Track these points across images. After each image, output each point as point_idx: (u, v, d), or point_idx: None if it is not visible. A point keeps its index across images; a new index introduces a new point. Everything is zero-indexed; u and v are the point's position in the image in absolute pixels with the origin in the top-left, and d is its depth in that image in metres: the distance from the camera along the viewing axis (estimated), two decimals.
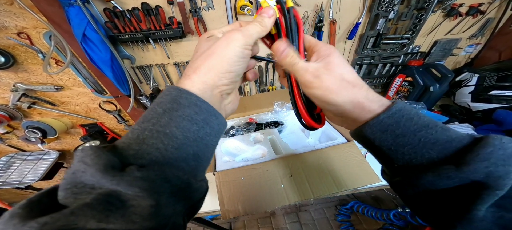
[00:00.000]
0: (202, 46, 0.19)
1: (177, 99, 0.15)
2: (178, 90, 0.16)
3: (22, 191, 0.88)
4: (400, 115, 0.16)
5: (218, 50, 0.17)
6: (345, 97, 0.18)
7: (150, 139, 0.14)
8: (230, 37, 0.18)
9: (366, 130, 0.18)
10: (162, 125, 0.14)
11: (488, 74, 0.70)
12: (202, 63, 0.17)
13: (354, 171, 0.52)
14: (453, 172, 0.14)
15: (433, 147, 0.15)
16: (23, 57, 0.67)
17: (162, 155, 0.14)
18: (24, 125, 0.83)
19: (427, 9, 0.69)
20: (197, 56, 0.18)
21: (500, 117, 0.64)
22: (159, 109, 0.15)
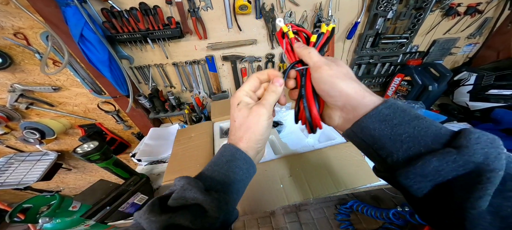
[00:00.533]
0: (237, 116, 0.26)
1: (234, 154, 0.25)
2: (235, 148, 0.25)
3: (21, 192, 0.87)
4: (395, 106, 0.19)
5: (252, 126, 0.25)
6: (349, 84, 0.21)
7: (218, 177, 0.24)
8: (258, 113, 0.25)
9: (367, 120, 0.19)
10: (225, 170, 0.24)
11: (486, 73, 0.70)
12: (243, 135, 0.26)
13: (353, 171, 0.53)
14: (456, 155, 0.15)
15: (427, 135, 0.17)
16: (20, 58, 0.67)
17: (222, 187, 0.24)
18: (22, 126, 0.83)
19: (425, 9, 0.69)
20: (237, 126, 0.26)
21: (498, 116, 0.64)
22: (224, 159, 0.25)
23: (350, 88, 0.21)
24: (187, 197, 0.21)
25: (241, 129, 0.25)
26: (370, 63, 0.87)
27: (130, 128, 1.00)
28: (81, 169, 1.23)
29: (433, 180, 0.16)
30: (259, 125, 0.25)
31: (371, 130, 0.19)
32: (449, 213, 0.16)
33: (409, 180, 0.17)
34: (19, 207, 0.42)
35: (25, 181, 0.84)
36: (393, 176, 0.18)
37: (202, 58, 0.77)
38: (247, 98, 0.26)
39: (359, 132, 0.20)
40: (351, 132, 0.22)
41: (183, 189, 0.21)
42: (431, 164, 0.15)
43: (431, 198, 0.16)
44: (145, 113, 0.88)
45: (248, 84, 0.27)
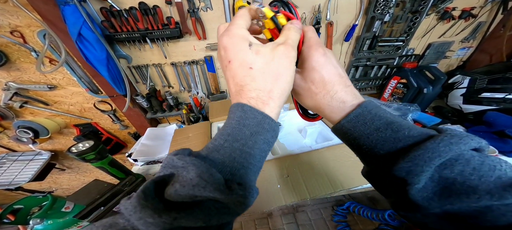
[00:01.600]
0: (254, 61, 0.18)
1: (262, 123, 0.17)
2: (263, 115, 0.18)
3: (12, 192, 0.85)
4: (367, 110, 0.19)
5: (283, 71, 0.18)
6: (334, 68, 0.20)
7: (239, 158, 0.17)
8: (288, 54, 0.19)
9: (345, 125, 0.20)
10: (249, 147, 0.17)
11: (479, 77, 0.72)
12: (273, 87, 0.18)
13: (349, 172, 0.53)
14: (447, 137, 0.15)
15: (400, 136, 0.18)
16: (16, 56, 0.66)
17: (245, 172, 0.17)
18: (16, 125, 0.81)
19: (421, 12, 0.71)
20: (258, 75, 0.18)
21: (491, 118, 0.65)
22: (247, 132, 0.17)
23: (334, 72, 0.20)
24: (199, 196, 0.15)
25: (266, 79, 0.18)
26: (367, 66, 0.88)
27: (126, 128, 0.99)
28: (75, 169, 1.20)
29: (439, 157, 0.15)
30: (290, 69, 0.19)
31: (349, 133, 0.20)
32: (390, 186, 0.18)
33: (409, 161, 0.16)
34: (10, 208, 0.41)
35: (17, 181, 0.82)
36: (383, 171, 0.18)
37: (201, 59, 0.77)
38: (252, 37, 0.20)
39: (340, 134, 0.22)
40: (334, 130, 0.22)
41: (193, 185, 0.14)
42: (432, 144, 0.16)
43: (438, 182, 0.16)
44: (142, 113, 0.87)
45: (242, 20, 0.20)
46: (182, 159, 0.16)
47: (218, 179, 0.15)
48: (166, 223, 0.13)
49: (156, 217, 0.13)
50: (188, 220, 0.14)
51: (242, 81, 0.18)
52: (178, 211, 0.14)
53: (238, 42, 0.18)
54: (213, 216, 0.15)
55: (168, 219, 0.13)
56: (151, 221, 0.13)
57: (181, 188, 0.15)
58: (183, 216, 0.14)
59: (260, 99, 0.18)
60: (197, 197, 0.15)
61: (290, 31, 0.20)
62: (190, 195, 0.14)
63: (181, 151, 0.18)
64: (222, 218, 0.15)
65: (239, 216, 0.17)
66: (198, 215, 0.14)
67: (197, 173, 0.15)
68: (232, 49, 0.18)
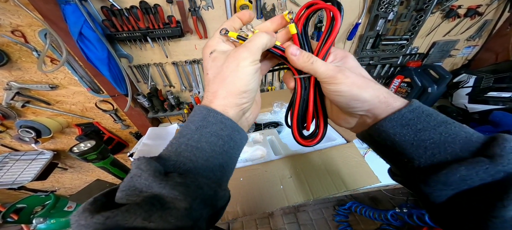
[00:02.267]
0: (210, 67, 0.19)
1: (206, 117, 0.18)
2: (207, 109, 0.18)
3: (15, 192, 0.86)
4: (421, 110, 0.17)
5: (229, 74, 0.18)
6: (371, 92, 0.18)
7: (185, 152, 0.17)
8: (237, 57, 0.18)
9: (386, 124, 0.17)
10: (194, 141, 0.17)
11: (485, 76, 0.70)
12: (218, 88, 0.19)
13: (353, 172, 0.52)
14: (488, 165, 0.13)
15: (455, 141, 0.15)
16: (17, 55, 0.66)
17: (194, 166, 0.17)
18: (18, 125, 0.82)
19: (426, 10, 0.69)
20: (209, 79, 0.19)
21: (497, 118, 0.64)
22: (192, 126, 0.18)
23: (374, 97, 0.18)
24: (138, 187, 0.14)
25: (215, 80, 0.19)
26: (370, 64, 0.87)
27: (128, 128, 0.99)
28: (77, 169, 1.21)
29: (457, 188, 0.15)
30: (240, 71, 0.18)
31: (391, 135, 0.17)
32: (469, 220, 0.15)
33: (430, 188, 0.15)
34: (13, 207, 0.41)
35: (20, 180, 0.83)
36: (412, 182, 0.17)
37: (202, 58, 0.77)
38: (223, 45, 0.20)
39: (376, 136, 0.19)
40: (367, 134, 0.20)
41: (131, 176, 0.15)
42: (458, 173, 0.14)
43: (451, 204, 0.15)
44: (143, 112, 0.87)
45: (225, 25, 0.20)
46: (133, 160, 0.16)
47: (154, 167, 0.15)
48: (98, 223, 0.13)
49: (89, 219, 0.13)
50: (124, 217, 0.13)
51: (205, 86, 0.21)
52: (113, 210, 0.13)
53: (205, 51, 0.20)
54: (155, 212, 0.14)
55: (100, 218, 0.13)
56: (83, 223, 0.13)
57: (122, 183, 0.15)
58: (118, 213, 0.13)
59: (208, 98, 0.19)
60: (140, 192, 0.14)
61: (255, 35, 0.19)
62: (129, 186, 0.14)
63: None
64: (166, 213, 0.14)
65: (198, 217, 0.16)
66: (135, 210, 0.13)
67: (135, 165, 0.15)
68: (203, 60, 0.20)
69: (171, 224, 0.14)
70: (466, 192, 0.14)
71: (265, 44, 0.19)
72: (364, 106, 0.18)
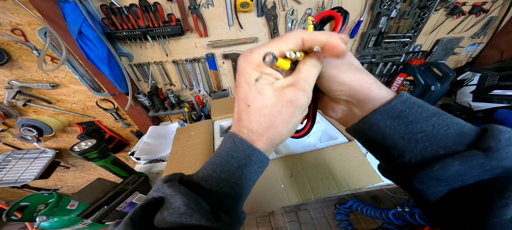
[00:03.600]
0: (254, 100, 0.17)
1: (250, 156, 0.18)
2: (252, 148, 0.18)
3: (19, 190, 0.87)
4: (411, 101, 0.16)
5: (279, 124, 0.17)
6: (351, 75, 0.18)
7: (226, 188, 0.18)
8: (295, 104, 0.16)
9: (376, 117, 0.17)
10: (236, 178, 0.18)
11: (490, 74, 0.69)
12: (264, 133, 0.18)
13: (355, 171, 0.52)
14: (483, 159, 0.13)
15: (447, 134, 0.14)
16: (18, 54, 0.66)
17: (233, 202, 0.18)
18: (20, 123, 0.82)
19: (430, 8, 0.68)
20: (253, 116, 0.17)
21: (502, 116, 0.63)
22: (235, 164, 0.18)
23: (355, 80, 0.17)
24: (184, 223, 0.15)
25: (261, 123, 0.17)
26: (372, 62, 0.86)
27: (129, 126, 0.99)
28: (79, 167, 1.22)
29: (451, 184, 0.14)
30: (292, 121, 0.17)
31: (381, 127, 0.16)
32: (466, 219, 0.14)
33: (423, 184, 0.15)
34: (16, 205, 0.41)
35: (23, 179, 0.83)
36: (403, 178, 0.16)
37: (203, 56, 0.76)
38: (268, 70, 0.17)
39: (366, 128, 0.18)
40: (357, 128, 0.19)
41: (180, 213, 0.15)
42: (452, 168, 0.13)
43: (446, 202, 0.15)
44: (144, 111, 0.87)
45: (281, 44, 0.16)
46: (171, 187, 0.16)
47: (204, 208, 0.16)
48: None
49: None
50: None
51: (239, 114, 0.18)
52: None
53: (247, 72, 0.17)
54: None
55: None
56: None
57: (169, 215, 0.15)
58: None
59: (251, 138, 0.18)
60: (184, 225, 0.15)
61: (303, 67, 0.17)
62: (177, 222, 0.15)
63: (172, 177, 0.18)
64: None
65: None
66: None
67: (184, 202, 0.15)
68: (241, 76, 0.17)
69: None
70: (463, 189, 0.14)
71: (315, 77, 0.17)
72: (344, 88, 0.18)
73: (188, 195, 0.16)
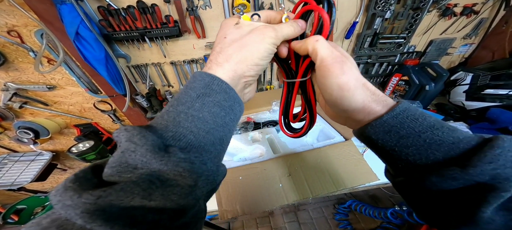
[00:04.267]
0: (231, 33, 0.19)
1: (210, 85, 0.16)
2: (211, 77, 0.17)
3: (15, 193, 0.85)
4: (405, 116, 0.16)
5: (252, 43, 0.18)
6: (358, 98, 0.17)
7: (185, 122, 0.15)
8: (265, 32, 0.18)
9: (369, 131, 0.18)
10: (195, 109, 0.15)
11: (482, 73, 0.71)
12: (234, 52, 0.18)
13: (352, 170, 0.53)
14: (458, 173, 0.13)
15: (439, 148, 0.15)
16: (14, 56, 0.65)
17: (195, 138, 0.15)
18: (16, 126, 0.81)
19: (422, 9, 0.70)
20: (227, 43, 0.18)
21: (494, 115, 0.65)
22: (193, 94, 0.16)
23: (359, 102, 0.17)
24: (131, 163, 0.13)
25: (233, 45, 0.18)
26: (368, 63, 0.87)
27: None
28: (77, 170, 1.20)
29: (430, 190, 0.15)
30: (261, 44, 0.18)
31: (374, 140, 0.17)
32: (455, 217, 0.15)
33: (408, 192, 0.16)
34: (13, 208, 0.41)
35: (19, 181, 0.82)
36: (392, 182, 0.18)
37: (201, 57, 0.77)
38: (249, 25, 0.19)
39: (361, 139, 0.20)
40: (356, 133, 0.20)
41: (122, 151, 0.13)
42: (429, 179, 0.14)
43: (431, 205, 0.16)
44: (142, 112, 0.87)
45: (260, 13, 0.21)
46: (119, 130, 0.14)
47: (151, 141, 0.13)
48: (87, 203, 0.11)
49: (75, 198, 0.11)
50: (119, 196, 0.11)
51: (214, 49, 0.19)
52: (105, 188, 0.11)
53: (228, 21, 0.20)
54: (155, 190, 0.12)
55: (89, 198, 0.11)
56: (70, 203, 0.11)
57: (111, 159, 0.13)
58: (111, 192, 0.11)
59: (216, 61, 0.18)
60: (134, 169, 0.13)
61: (283, 24, 0.20)
62: (122, 164, 0.12)
63: None
64: (168, 191, 0.13)
65: (199, 194, 0.14)
66: (132, 189, 0.12)
67: (126, 137, 0.13)
68: (222, 25, 0.20)
69: (173, 202, 0.13)
70: (436, 192, 0.15)
71: (290, 35, 0.20)
72: (349, 110, 0.18)
73: (132, 130, 0.13)
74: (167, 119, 0.15)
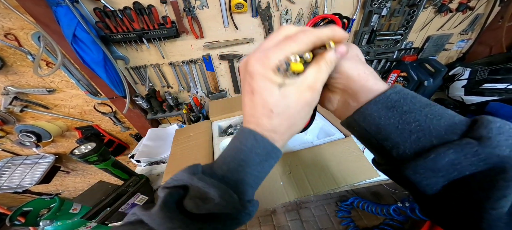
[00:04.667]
0: (278, 105, 0.17)
1: (270, 153, 0.19)
2: (273, 147, 0.19)
3: (20, 195, 0.86)
4: (405, 92, 0.16)
5: (300, 121, 0.19)
6: (352, 65, 0.19)
7: (249, 180, 0.20)
8: (310, 102, 0.18)
9: (371, 107, 0.17)
10: (258, 171, 0.20)
11: (480, 68, 0.71)
12: (285, 131, 0.19)
13: (352, 166, 0.53)
14: (477, 147, 0.13)
15: (439, 124, 0.15)
16: (12, 59, 0.66)
17: (252, 191, 0.21)
18: (18, 129, 0.82)
19: (418, 6, 0.70)
20: (275, 121, 0.18)
21: (493, 109, 0.65)
22: (257, 159, 0.19)
23: (354, 70, 0.18)
24: (218, 213, 0.18)
25: (282, 123, 0.18)
26: (367, 60, 0.87)
27: (128, 130, 0.99)
28: (80, 172, 1.21)
29: (447, 175, 0.14)
30: (305, 119, 0.19)
31: (376, 118, 0.17)
32: (463, 213, 0.14)
33: (418, 175, 0.15)
34: (19, 210, 0.42)
35: (23, 184, 0.83)
36: (397, 170, 0.16)
37: (199, 58, 0.77)
38: (289, 75, 0.17)
39: (361, 120, 0.18)
40: (352, 120, 0.19)
41: (215, 203, 0.18)
42: (446, 157, 0.13)
43: (442, 195, 0.14)
44: (142, 114, 0.87)
45: (296, 45, 0.16)
46: (202, 179, 0.18)
47: (235, 199, 0.18)
48: None
49: (184, 227, 0.17)
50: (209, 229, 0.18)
51: (259, 117, 0.18)
52: (202, 222, 0.18)
53: (268, 77, 0.17)
54: (228, 227, 0.19)
55: (194, 228, 0.17)
56: None
57: (204, 205, 0.18)
58: (206, 227, 0.17)
59: (271, 137, 0.19)
60: (216, 214, 0.18)
61: (318, 68, 0.17)
62: (211, 211, 0.18)
63: (194, 168, 0.20)
64: (233, 227, 0.19)
65: None
66: (217, 225, 0.18)
67: (219, 195, 0.18)
68: (258, 81, 0.17)
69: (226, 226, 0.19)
70: (459, 181, 0.14)
71: (326, 78, 0.18)
72: (342, 76, 0.19)
73: (221, 188, 0.18)
74: (237, 177, 0.19)
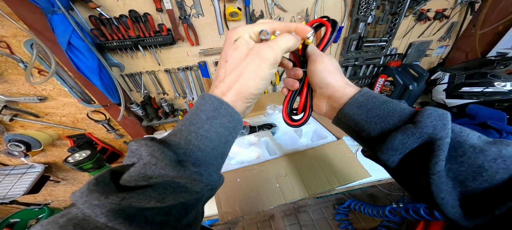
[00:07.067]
0: (231, 55, 0.20)
1: (218, 108, 0.19)
2: (220, 101, 0.19)
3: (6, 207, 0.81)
4: (369, 94, 0.22)
5: (247, 72, 0.19)
6: (336, 77, 0.24)
7: (195, 140, 0.18)
8: (261, 55, 0.19)
9: (346, 108, 0.23)
10: (204, 130, 0.18)
11: (457, 73, 0.77)
12: (233, 84, 0.20)
13: (345, 167, 0.55)
14: (412, 128, 0.18)
15: (394, 115, 0.20)
16: (3, 68, 0.64)
17: (203, 154, 0.18)
18: (6, 139, 0.78)
19: (400, 14, 0.76)
20: (228, 69, 0.20)
21: (473, 111, 0.69)
22: (203, 116, 0.19)
23: (336, 81, 0.24)
24: (149, 174, 0.15)
25: (232, 73, 0.19)
26: (356, 65, 0.92)
27: (122, 137, 0.98)
28: (70, 181, 1.16)
29: (402, 152, 0.18)
30: (258, 72, 0.19)
31: (351, 115, 0.22)
32: (418, 179, 0.18)
33: (384, 154, 0.19)
34: (5, 222, 0.40)
35: (11, 195, 0.79)
36: (373, 153, 0.21)
37: (195, 64, 0.78)
38: (249, 36, 0.20)
39: (343, 118, 0.24)
40: (337, 119, 0.25)
41: (144, 163, 0.15)
42: (397, 138, 0.18)
43: (402, 167, 0.19)
44: (137, 121, 0.86)
45: (257, 26, 0.21)
46: (137, 142, 0.16)
47: (169, 156, 0.16)
48: (113, 204, 0.13)
49: (102, 199, 0.13)
50: (138, 199, 0.14)
51: (218, 72, 0.21)
52: (128, 192, 0.14)
53: (230, 35, 0.21)
54: (168, 195, 0.15)
55: (115, 199, 0.13)
56: (97, 203, 0.13)
57: (133, 169, 0.15)
58: (133, 195, 0.14)
59: (221, 89, 0.20)
60: (150, 178, 0.15)
61: (280, 36, 0.21)
62: (142, 174, 0.15)
63: (142, 138, 0.18)
64: (178, 196, 0.15)
65: (201, 199, 0.18)
66: (150, 193, 0.14)
67: (148, 152, 0.15)
68: (225, 41, 0.21)
69: (180, 204, 0.16)
70: (409, 155, 0.18)
71: (290, 48, 0.21)
72: (329, 88, 0.24)
73: (153, 146, 0.16)
74: (180, 137, 0.18)
